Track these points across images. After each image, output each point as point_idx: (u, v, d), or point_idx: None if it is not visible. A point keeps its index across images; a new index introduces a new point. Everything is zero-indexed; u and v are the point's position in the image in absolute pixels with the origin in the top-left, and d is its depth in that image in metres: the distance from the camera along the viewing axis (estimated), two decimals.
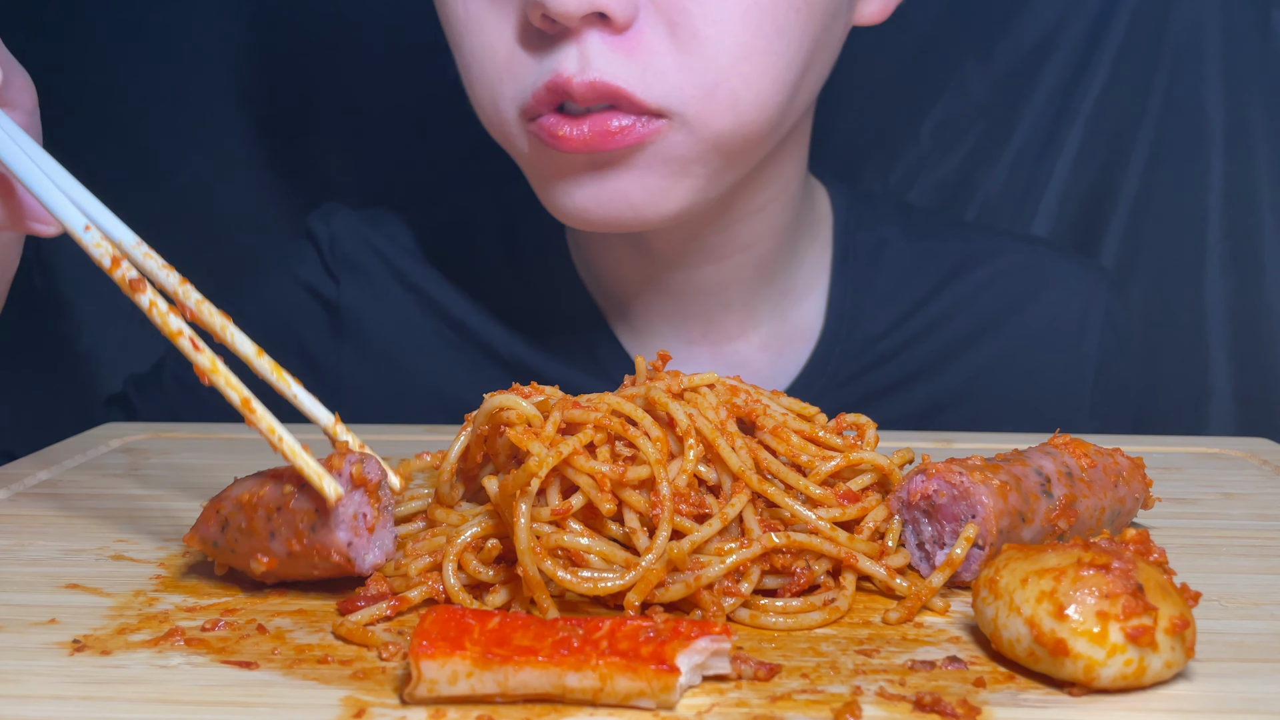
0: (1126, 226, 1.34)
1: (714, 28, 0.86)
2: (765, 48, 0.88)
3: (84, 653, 0.57)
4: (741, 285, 1.08)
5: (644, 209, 0.92)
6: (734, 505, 0.63)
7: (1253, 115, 1.30)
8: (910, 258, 1.16)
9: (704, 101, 0.88)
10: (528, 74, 0.90)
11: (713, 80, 0.87)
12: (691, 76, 0.87)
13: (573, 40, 0.86)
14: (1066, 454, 0.70)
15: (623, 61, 0.86)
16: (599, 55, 0.86)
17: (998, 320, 1.15)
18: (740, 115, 0.89)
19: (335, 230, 1.18)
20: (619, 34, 0.86)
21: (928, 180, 1.37)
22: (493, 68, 0.92)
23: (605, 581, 0.60)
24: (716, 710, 0.51)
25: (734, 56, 0.87)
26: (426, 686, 0.51)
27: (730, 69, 0.87)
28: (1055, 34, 1.33)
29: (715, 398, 0.67)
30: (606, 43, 0.86)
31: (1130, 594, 0.52)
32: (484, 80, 0.93)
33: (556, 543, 0.61)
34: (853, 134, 1.36)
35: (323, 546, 0.61)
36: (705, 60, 0.87)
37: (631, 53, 0.86)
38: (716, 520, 0.62)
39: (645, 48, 0.87)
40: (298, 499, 0.62)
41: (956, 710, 0.50)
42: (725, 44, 0.87)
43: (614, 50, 0.86)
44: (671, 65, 0.87)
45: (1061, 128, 1.34)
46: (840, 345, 1.12)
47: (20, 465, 0.90)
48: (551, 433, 0.63)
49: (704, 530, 0.62)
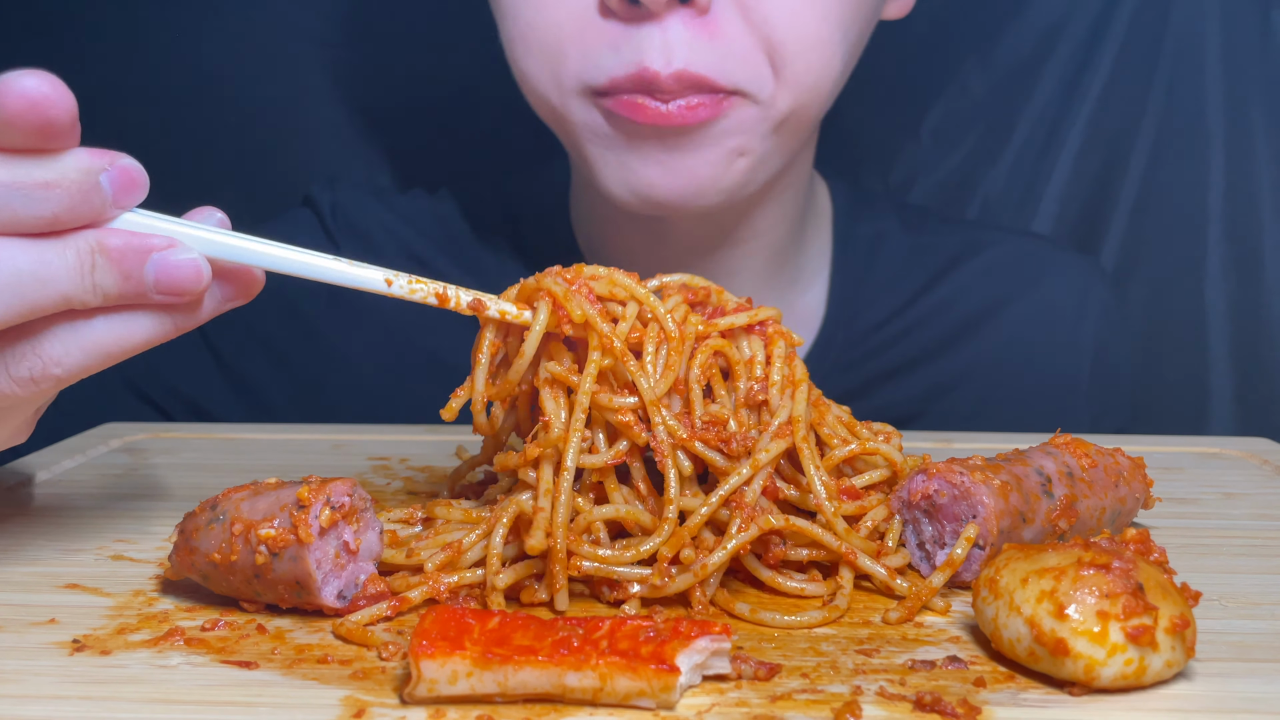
0: (1126, 226, 1.34)
1: (784, 14, 0.89)
2: (828, 35, 0.92)
3: (84, 653, 0.57)
4: (752, 273, 1.10)
5: (706, 185, 0.94)
6: (769, 451, 0.64)
7: (1253, 115, 1.30)
8: (908, 249, 1.18)
9: (775, 83, 0.91)
10: (603, 54, 0.90)
11: (781, 63, 0.90)
12: (764, 59, 0.90)
13: (655, 24, 0.88)
14: (1067, 454, 0.70)
15: (705, 46, 0.88)
16: (682, 43, 0.88)
17: (994, 309, 1.17)
18: (801, 95, 0.93)
19: (340, 199, 1.19)
20: (701, 16, 0.88)
21: (928, 180, 1.37)
22: (555, 42, 0.92)
23: (645, 545, 0.61)
24: (716, 710, 0.51)
25: (803, 44, 0.90)
26: (426, 686, 0.51)
27: (797, 54, 0.90)
28: (1055, 34, 1.33)
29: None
30: (689, 27, 0.88)
31: (1130, 594, 0.52)
32: (544, 53, 0.93)
33: (587, 521, 0.62)
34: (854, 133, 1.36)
35: (311, 603, 0.61)
36: (775, 44, 0.90)
37: (712, 36, 0.88)
38: (746, 466, 0.63)
39: (723, 32, 0.89)
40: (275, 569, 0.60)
41: (957, 710, 0.50)
42: (795, 31, 0.90)
43: (696, 36, 0.88)
44: (747, 47, 0.89)
45: (1061, 128, 1.34)
46: (841, 333, 1.14)
47: (20, 465, 0.90)
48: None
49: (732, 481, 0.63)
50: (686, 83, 0.88)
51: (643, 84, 0.89)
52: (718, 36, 0.89)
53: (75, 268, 0.56)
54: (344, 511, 0.62)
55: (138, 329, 0.59)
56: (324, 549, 0.61)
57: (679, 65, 0.87)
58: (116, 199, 0.58)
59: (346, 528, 0.62)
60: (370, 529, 0.64)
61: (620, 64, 0.89)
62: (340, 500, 0.62)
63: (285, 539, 0.59)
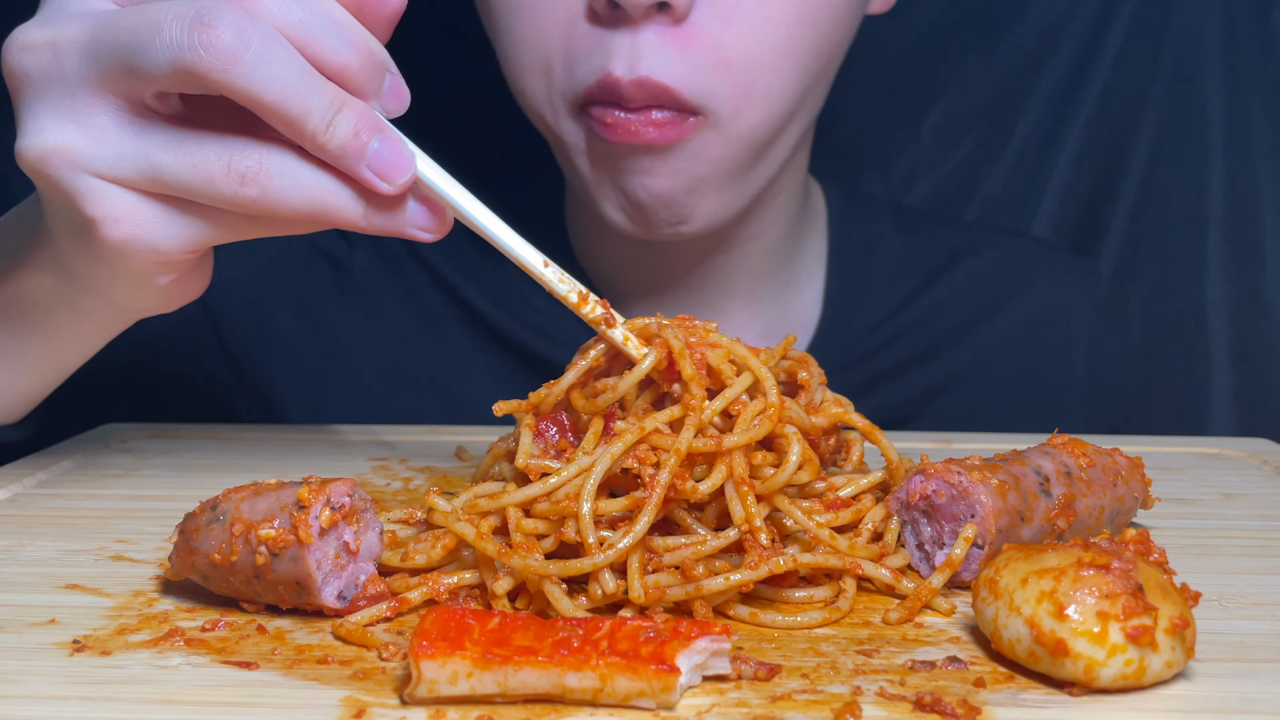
0: (1126, 226, 1.34)
1: (765, 24, 0.88)
2: (801, 43, 0.91)
3: (84, 653, 0.57)
4: (746, 275, 1.10)
5: (685, 209, 0.94)
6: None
7: (1253, 115, 1.30)
8: (903, 250, 1.18)
9: (740, 99, 0.90)
10: (579, 61, 0.90)
11: (751, 79, 0.89)
12: (732, 75, 0.89)
13: (628, 30, 0.87)
14: (1065, 453, 0.70)
15: (674, 56, 0.87)
16: (650, 49, 0.87)
17: (990, 309, 1.18)
18: (770, 108, 0.92)
19: None
20: (678, 24, 0.87)
21: (928, 180, 1.37)
22: (545, 54, 0.92)
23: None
24: (716, 710, 0.51)
25: (776, 54, 0.90)
26: (426, 687, 0.51)
27: (769, 66, 0.90)
28: (1055, 34, 1.33)
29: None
30: (661, 35, 0.87)
31: (1130, 594, 0.52)
32: (537, 67, 0.93)
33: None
34: (853, 134, 1.36)
35: (311, 603, 0.61)
36: (750, 57, 0.89)
37: (685, 46, 0.88)
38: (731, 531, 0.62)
39: (697, 41, 0.88)
40: (275, 569, 0.60)
41: (957, 710, 0.50)
42: (771, 40, 0.89)
43: (667, 45, 0.87)
44: (717, 62, 0.88)
45: (1061, 128, 1.34)
46: (837, 334, 1.14)
47: (20, 465, 0.90)
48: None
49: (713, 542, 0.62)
50: (648, 91, 0.87)
51: (606, 91, 0.88)
52: (689, 47, 0.87)
53: (328, 101, 0.61)
54: (344, 512, 0.62)
55: (338, 197, 0.64)
56: (324, 549, 0.61)
57: (642, 72, 0.86)
58: (385, 98, 0.65)
59: (346, 528, 0.62)
60: (370, 529, 0.64)
61: (590, 71, 0.89)
62: (340, 501, 0.62)
63: (285, 539, 0.59)
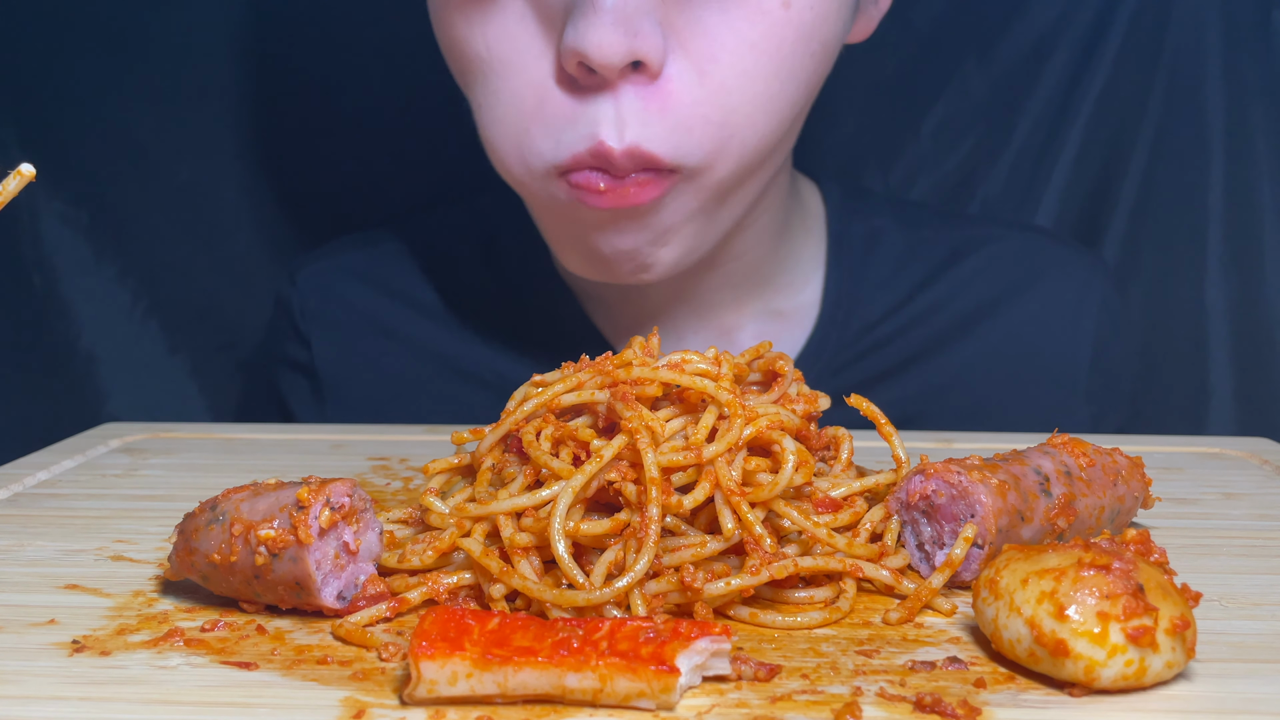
0: (1126, 226, 1.34)
1: (741, 78, 0.86)
2: (778, 95, 0.89)
3: (83, 653, 0.57)
4: (735, 287, 1.09)
5: (648, 258, 0.94)
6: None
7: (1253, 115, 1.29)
8: (904, 246, 1.16)
9: (715, 155, 0.88)
10: (561, 128, 0.87)
11: (728, 133, 0.88)
12: (710, 130, 0.87)
13: (609, 95, 0.85)
14: (1065, 453, 0.70)
15: (655, 119, 0.86)
16: (634, 115, 0.85)
17: (993, 305, 1.16)
18: (744, 160, 0.90)
19: (301, 287, 1.19)
20: (652, 81, 0.85)
21: (928, 180, 1.37)
22: (518, 117, 0.89)
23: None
24: (716, 711, 0.51)
25: (754, 107, 0.88)
26: (426, 687, 0.51)
27: (745, 120, 0.88)
28: (1055, 34, 1.32)
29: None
30: (640, 97, 0.85)
31: (1131, 594, 0.52)
32: (510, 130, 0.90)
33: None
34: (853, 134, 1.36)
35: (310, 604, 0.61)
36: (726, 111, 0.87)
37: (663, 108, 0.86)
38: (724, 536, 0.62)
39: (674, 99, 0.86)
40: (275, 570, 0.60)
41: (957, 711, 0.50)
42: (748, 93, 0.87)
43: (647, 107, 0.85)
44: (694, 119, 0.87)
45: (1061, 128, 1.34)
46: (836, 332, 1.13)
47: (20, 465, 0.90)
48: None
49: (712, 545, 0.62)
50: (637, 160, 0.86)
51: (599, 158, 0.86)
52: (668, 108, 0.86)
53: None
54: (344, 512, 0.62)
55: None
56: (324, 550, 0.61)
57: (630, 140, 0.85)
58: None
59: (346, 528, 0.62)
60: (370, 530, 0.64)
61: (578, 138, 0.86)
62: (340, 501, 0.62)
63: (285, 540, 0.59)
